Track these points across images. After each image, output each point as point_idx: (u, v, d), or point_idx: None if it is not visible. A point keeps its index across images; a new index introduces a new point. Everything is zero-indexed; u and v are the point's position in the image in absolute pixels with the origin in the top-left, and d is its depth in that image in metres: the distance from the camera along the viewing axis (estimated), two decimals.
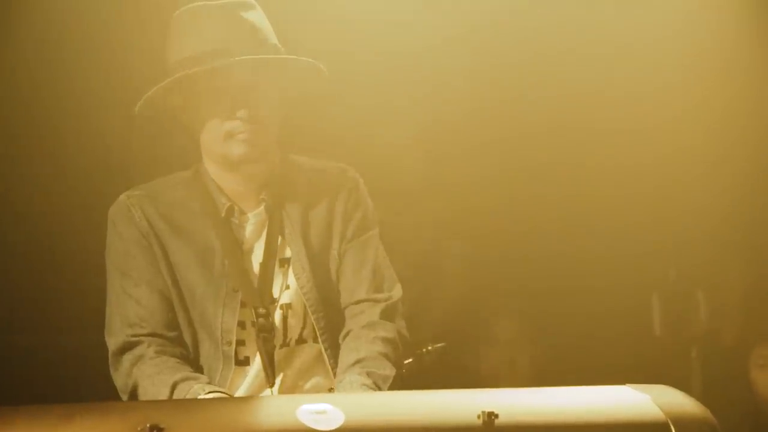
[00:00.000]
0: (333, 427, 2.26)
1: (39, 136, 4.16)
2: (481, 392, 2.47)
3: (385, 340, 2.90)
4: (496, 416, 2.30)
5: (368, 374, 2.81)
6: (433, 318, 4.48)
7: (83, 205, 3.89)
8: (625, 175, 4.57)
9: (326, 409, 2.29)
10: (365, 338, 2.89)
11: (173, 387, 2.74)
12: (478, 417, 2.31)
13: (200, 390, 2.71)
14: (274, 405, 2.44)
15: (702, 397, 2.52)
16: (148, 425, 2.18)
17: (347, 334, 2.93)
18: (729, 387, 4.50)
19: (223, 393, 2.73)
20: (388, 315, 2.96)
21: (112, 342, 2.87)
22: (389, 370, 2.85)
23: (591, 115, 4.53)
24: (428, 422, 2.32)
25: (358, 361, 2.84)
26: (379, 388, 2.80)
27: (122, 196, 2.96)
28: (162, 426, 2.18)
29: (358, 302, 2.96)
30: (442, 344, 3.67)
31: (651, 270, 4.70)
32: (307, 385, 2.91)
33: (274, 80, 2.92)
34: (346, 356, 2.87)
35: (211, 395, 2.67)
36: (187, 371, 2.80)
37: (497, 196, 4.63)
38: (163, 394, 2.73)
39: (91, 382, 3.04)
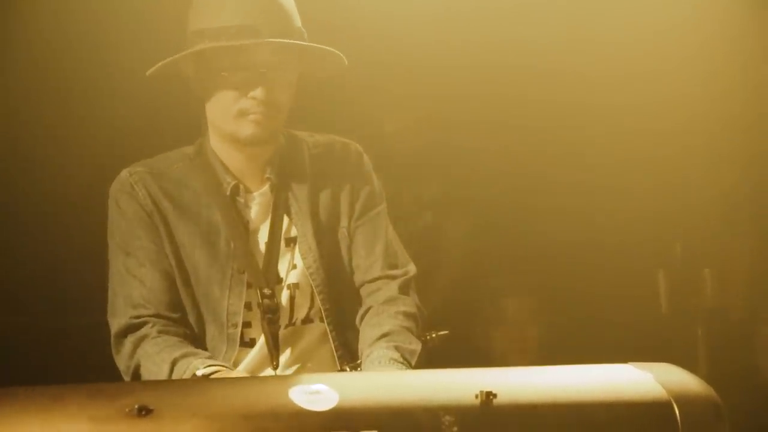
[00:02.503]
0: (327, 408, 2.22)
1: (41, 112, 4.11)
2: (479, 371, 2.42)
3: (407, 315, 2.88)
4: (495, 396, 2.26)
5: (396, 348, 2.78)
6: (436, 295, 4.46)
7: (82, 184, 3.86)
8: (632, 152, 4.54)
9: (320, 389, 2.25)
10: (387, 313, 2.87)
11: (173, 364, 2.70)
12: (476, 396, 2.27)
13: (199, 365, 2.67)
14: (267, 386, 2.41)
15: (707, 376, 2.48)
16: (136, 406, 2.14)
17: (367, 311, 2.91)
18: (735, 365, 4.47)
19: (223, 366, 2.70)
20: (405, 290, 2.94)
21: (115, 323, 2.83)
22: (416, 345, 2.83)
23: (599, 90, 4.50)
24: (425, 402, 2.28)
25: (383, 336, 2.81)
26: (408, 362, 2.77)
27: (123, 173, 2.91)
28: (151, 407, 2.15)
29: (373, 280, 2.93)
30: (445, 332, 3.64)
31: (657, 247, 4.68)
32: (311, 365, 2.88)
33: (294, 65, 2.87)
34: (369, 331, 2.85)
35: (210, 369, 2.64)
36: (187, 348, 2.76)
37: (502, 173, 4.60)
38: (164, 372, 2.70)
39: (83, 364, 3.01)
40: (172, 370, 2.69)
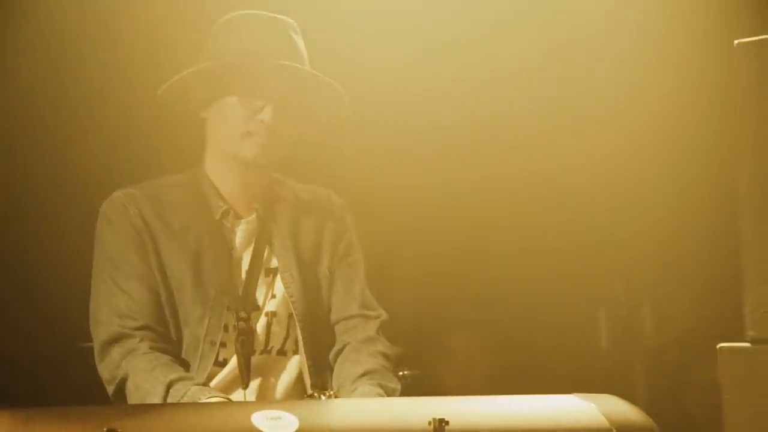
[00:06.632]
0: None
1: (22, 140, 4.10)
2: (432, 400, 2.52)
3: (385, 356, 3.01)
4: (447, 423, 2.35)
5: (380, 386, 2.89)
6: (388, 328, 4.51)
7: (60, 212, 3.88)
8: (574, 191, 4.61)
9: (281, 414, 2.33)
10: (366, 352, 2.99)
11: (168, 386, 2.78)
12: (429, 424, 2.35)
13: (199, 393, 2.75)
14: (231, 411, 2.49)
15: (645, 409, 2.59)
16: (105, 429, 2.20)
17: (344, 347, 3.02)
18: (672, 400, 4.57)
19: (224, 398, 2.78)
20: (380, 331, 3.06)
21: (102, 331, 2.90)
22: (395, 384, 2.95)
23: (541, 132, 4.58)
24: (380, 429, 2.37)
25: (366, 373, 2.92)
26: None
27: (117, 193, 3.01)
28: (119, 431, 2.20)
29: (350, 317, 3.06)
30: (418, 371, 3.71)
31: (598, 285, 4.76)
32: (282, 395, 2.97)
33: (300, 98, 2.98)
34: (350, 368, 2.95)
35: (213, 400, 2.72)
36: (181, 371, 2.85)
37: (451, 210, 4.66)
38: (158, 392, 2.77)
39: (54, 386, 3.03)
40: (167, 391, 2.77)
